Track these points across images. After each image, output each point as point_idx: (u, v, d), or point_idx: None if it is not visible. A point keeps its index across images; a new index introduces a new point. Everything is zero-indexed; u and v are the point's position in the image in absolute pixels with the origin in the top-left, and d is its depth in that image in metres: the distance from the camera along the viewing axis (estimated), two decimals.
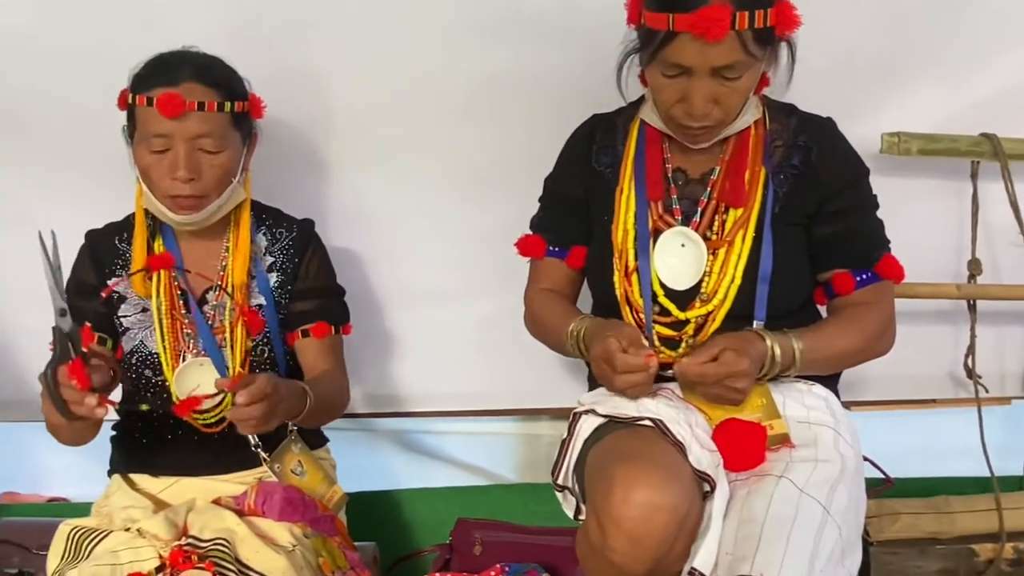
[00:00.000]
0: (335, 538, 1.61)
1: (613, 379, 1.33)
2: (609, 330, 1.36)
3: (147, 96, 1.52)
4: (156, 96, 1.51)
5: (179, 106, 1.51)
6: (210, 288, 1.66)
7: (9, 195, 2.01)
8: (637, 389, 1.33)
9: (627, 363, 1.31)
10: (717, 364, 1.31)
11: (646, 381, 1.32)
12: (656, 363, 1.33)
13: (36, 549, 1.98)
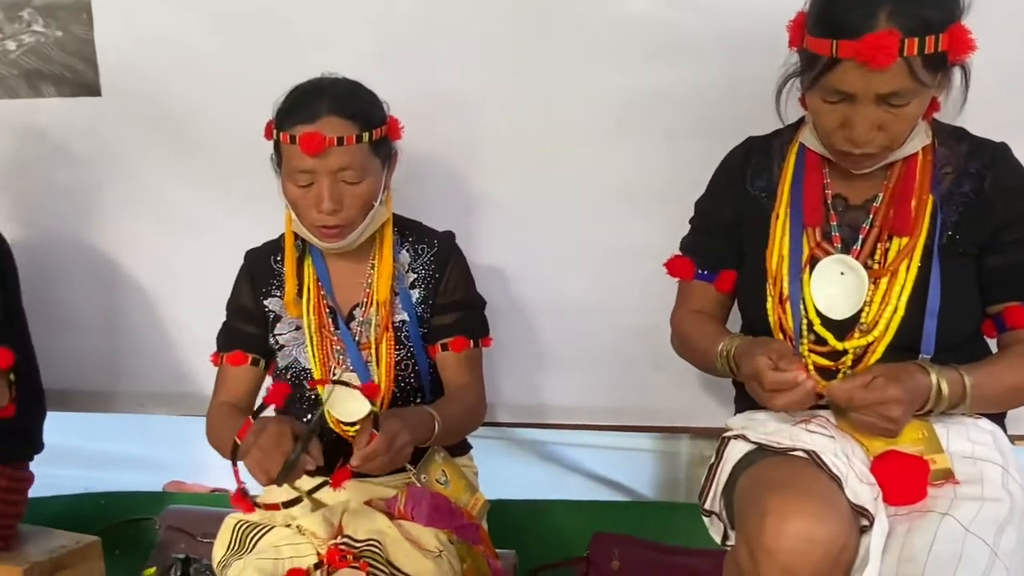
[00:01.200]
0: (479, 546, 1.65)
1: (765, 398, 1.31)
2: (759, 347, 1.34)
3: (290, 134, 1.57)
4: (298, 135, 1.56)
5: (319, 144, 1.55)
6: (357, 305, 1.73)
7: (181, 204, 2.17)
8: (794, 407, 1.29)
9: (776, 381, 1.28)
10: (867, 389, 1.26)
11: (801, 398, 1.28)
12: (807, 377, 1.29)
13: (200, 536, 2.12)
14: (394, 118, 1.68)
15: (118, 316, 2.25)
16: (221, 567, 1.60)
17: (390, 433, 1.43)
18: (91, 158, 2.20)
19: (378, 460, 1.42)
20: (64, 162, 2.21)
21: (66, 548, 1.88)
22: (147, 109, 2.14)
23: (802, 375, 1.28)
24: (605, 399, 2.10)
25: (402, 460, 1.48)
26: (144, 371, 2.27)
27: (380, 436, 1.42)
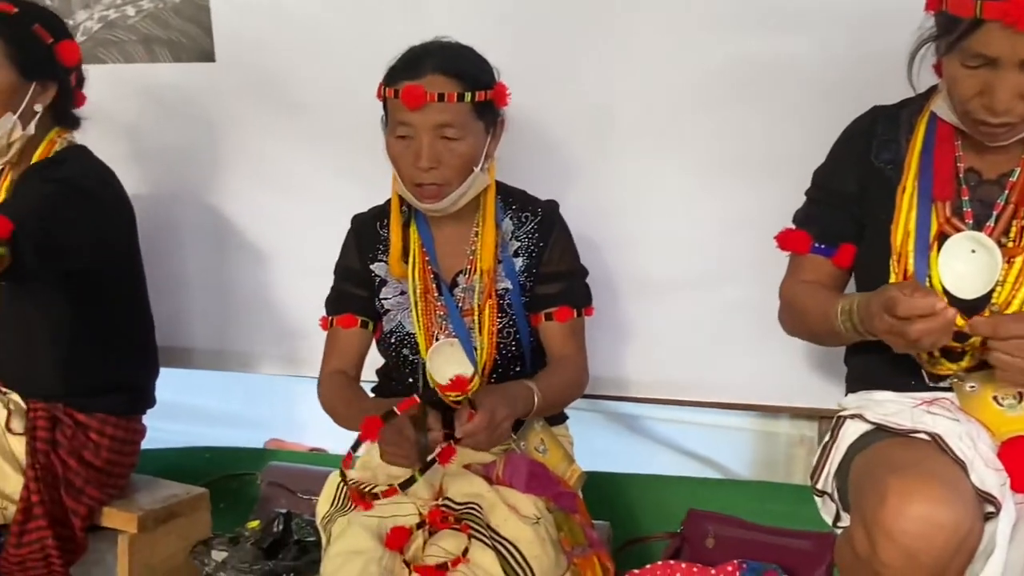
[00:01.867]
0: (576, 515, 1.65)
1: (898, 329, 1.21)
2: (889, 288, 1.25)
3: (395, 89, 1.60)
4: (401, 88, 1.59)
5: (420, 97, 1.56)
6: (460, 272, 1.74)
7: (290, 168, 2.22)
8: (932, 336, 1.20)
9: (913, 306, 1.18)
10: (1016, 320, 1.20)
11: (940, 326, 1.19)
12: (945, 306, 1.19)
13: (301, 493, 2.17)
14: (502, 84, 1.68)
15: (227, 277, 2.32)
16: (325, 522, 1.65)
17: (489, 409, 1.44)
18: (204, 122, 2.27)
19: (480, 436, 1.43)
20: (178, 126, 2.29)
21: (177, 498, 1.96)
22: (258, 74, 2.20)
23: (940, 303, 1.19)
24: (702, 375, 2.07)
25: (503, 435, 1.49)
26: (250, 331, 2.34)
27: (480, 413, 1.44)
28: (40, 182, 1.76)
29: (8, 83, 1.78)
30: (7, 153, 1.84)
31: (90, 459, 1.88)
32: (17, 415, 1.84)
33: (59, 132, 1.90)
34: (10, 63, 1.78)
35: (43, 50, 1.83)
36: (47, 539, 1.79)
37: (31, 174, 1.80)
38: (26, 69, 1.80)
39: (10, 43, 1.78)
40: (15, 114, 1.80)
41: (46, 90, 1.84)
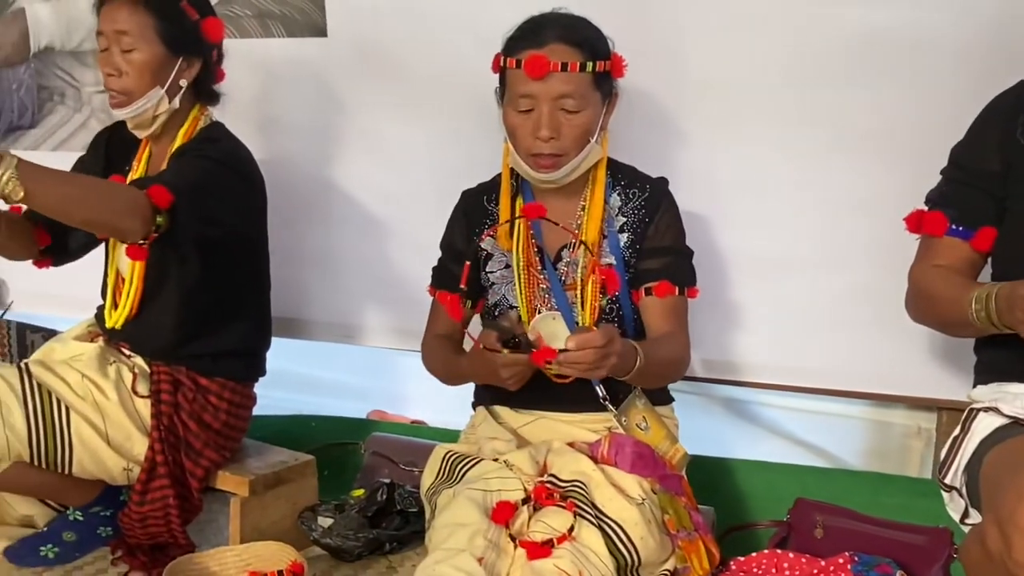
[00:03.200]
0: (681, 498, 1.62)
1: None
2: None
3: (516, 59, 1.60)
4: (524, 58, 1.58)
5: (544, 67, 1.57)
6: (565, 246, 1.73)
7: (397, 142, 2.24)
8: None
9: None
10: None
11: None
12: None
13: (403, 464, 2.21)
14: (618, 55, 1.66)
15: (336, 249, 2.37)
16: (430, 493, 1.66)
17: (607, 334, 1.43)
18: (315, 96, 2.30)
19: (587, 354, 1.41)
20: (290, 100, 2.33)
21: (285, 464, 2.01)
22: (369, 48, 2.22)
23: None
24: (814, 361, 2.01)
25: (603, 370, 1.47)
26: (356, 304, 2.38)
27: (599, 330, 1.43)
28: (197, 157, 1.81)
29: (157, 57, 1.84)
30: (151, 126, 1.91)
31: (209, 422, 1.94)
32: (142, 378, 1.92)
33: (201, 109, 1.96)
34: (159, 38, 1.84)
35: (190, 26, 1.87)
36: (169, 498, 1.87)
37: (186, 149, 1.85)
38: (173, 44, 1.85)
39: (160, 18, 1.83)
40: (163, 88, 1.86)
41: (191, 66, 1.89)
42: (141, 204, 1.62)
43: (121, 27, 1.83)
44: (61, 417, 1.82)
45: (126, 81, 1.85)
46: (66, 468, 1.84)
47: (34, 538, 1.95)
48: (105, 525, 1.99)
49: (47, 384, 1.83)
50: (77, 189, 1.63)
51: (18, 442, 1.77)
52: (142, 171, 1.99)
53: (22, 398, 1.79)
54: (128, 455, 1.88)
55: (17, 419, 1.77)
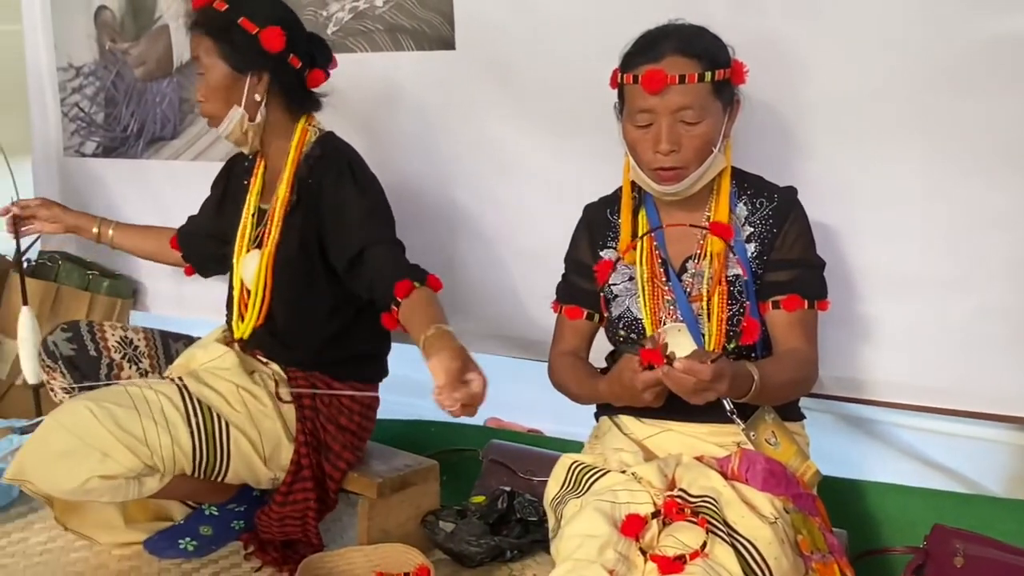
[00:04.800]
0: (815, 518, 1.58)
1: None
2: None
3: (633, 74, 1.59)
4: (640, 73, 1.58)
5: (661, 81, 1.55)
6: (690, 257, 1.70)
7: (522, 155, 2.25)
8: None
9: None
10: None
11: None
12: None
13: (521, 473, 2.22)
14: (739, 62, 1.64)
15: (457, 260, 2.40)
16: (555, 503, 1.66)
17: (719, 368, 1.43)
18: (441, 109, 2.35)
19: (688, 380, 1.42)
20: (416, 113, 2.38)
21: (410, 468, 2.05)
22: (497, 62, 2.25)
23: None
24: (951, 381, 1.92)
25: (708, 397, 1.47)
26: (476, 313, 2.41)
27: (710, 365, 1.42)
28: (355, 195, 1.91)
29: (224, 78, 1.91)
30: (247, 143, 1.98)
31: (346, 424, 1.99)
32: (283, 384, 1.97)
33: (308, 119, 2.01)
34: (222, 60, 1.90)
35: (248, 41, 1.90)
36: (310, 500, 1.91)
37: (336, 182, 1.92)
38: (237, 62, 1.90)
39: (218, 40, 1.90)
40: (240, 106, 1.92)
41: (261, 79, 1.93)
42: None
43: (193, 54, 1.94)
44: (222, 431, 1.86)
45: (208, 106, 1.95)
46: (221, 478, 1.89)
47: (172, 531, 2.04)
48: (239, 519, 2.07)
49: (206, 399, 1.87)
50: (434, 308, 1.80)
51: (184, 458, 1.82)
52: (259, 185, 2.06)
53: (186, 416, 1.82)
54: (276, 463, 1.93)
55: (183, 437, 1.81)
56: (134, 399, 1.80)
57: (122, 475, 1.76)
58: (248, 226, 2.06)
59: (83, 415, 1.75)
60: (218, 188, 2.20)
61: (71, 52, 2.96)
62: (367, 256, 1.86)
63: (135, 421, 1.76)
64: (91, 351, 1.99)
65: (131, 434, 1.75)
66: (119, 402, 1.78)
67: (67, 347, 1.94)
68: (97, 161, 2.97)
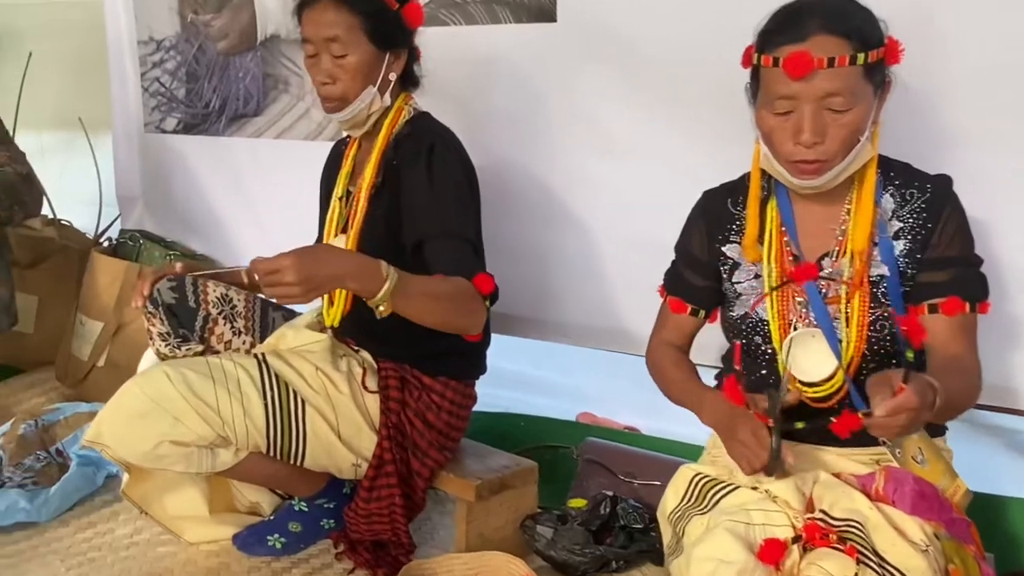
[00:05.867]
0: (970, 546, 1.42)
1: None
2: None
3: (773, 56, 1.41)
4: (782, 56, 1.40)
5: (807, 65, 1.37)
6: (826, 254, 1.54)
7: (626, 135, 2.10)
8: None
9: None
10: None
11: None
12: None
13: (621, 475, 2.10)
14: (893, 39, 1.45)
15: (551, 245, 2.27)
16: (674, 517, 1.53)
17: (920, 387, 1.25)
18: (540, 84, 2.21)
19: (901, 418, 1.25)
20: (512, 89, 2.24)
21: (509, 469, 1.93)
22: (599, 35, 2.10)
23: None
24: None
25: (918, 426, 1.31)
26: (571, 302, 2.28)
27: (909, 389, 1.24)
28: (424, 181, 1.79)
29: (368, 57, 1.81)
30: (364, 125, 1.89)
31: (432, 421, 1.89)
32: (371, 373, 1.89)
33: (405, 98, 1.92)
34: (367, 37, 1.80)
35: (393, 18, 1.83)
36: (396, 496, 1.83)
37: (411, 164, 1.81)
38: (381, 40, 1.82)
39: (365, 17, 1.80)
40: (374, 86, 1.82)
41: (398, 58, 1.86)
42: (480, 308, 1.73)
43: (330, 33, 1.79)
44: (297, 409, 1.81)
45: (340, 87, 1.82)
46: (299, 460, 1.83)
47: (261, 526, 1.97)
48: (328, 517, 1.99)
49: (284, 376, 1.83)
50: (434, 303, 1.68)
51: (257, 433, 1.78)
52: (349, 166, 1.98)
53: (261, 390, 1.79)
54: (357, 451, 1.86)
55: (257, 410, 1.77)
56: (211, 368, 1.78)
57: (193, 443, 1.74)
58: (336, 209, 1.99)
59: (158, 378, 1.74)
60: (325, 180, 2.09)
61: (152, 24, 2.89)
62: (426, 249, 1.78)
63: (209, 389, 1.74)
64: (190, 302, 1.96)
65: (204, 401, 1.73)
66: (196, 369, 1.77)
67: (169, 295, 1.93)
68: (178, 138, 2.91)
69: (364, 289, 1.59)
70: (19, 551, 1.92)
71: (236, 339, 2.04)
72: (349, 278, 1.57)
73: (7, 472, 2.09)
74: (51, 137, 3.17)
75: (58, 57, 3.26)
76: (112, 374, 2.64)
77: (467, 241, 1.80)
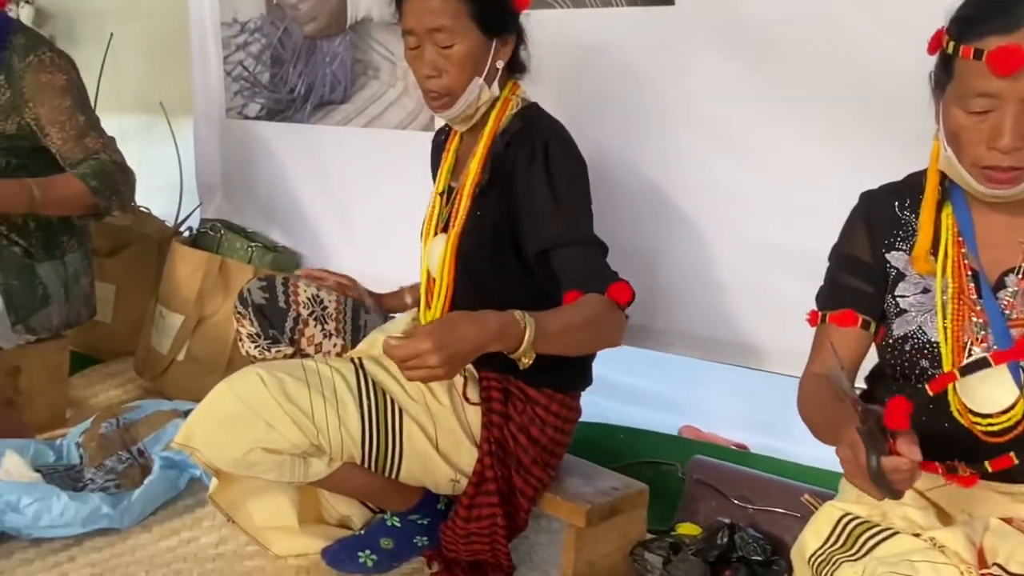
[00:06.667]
0: None
1: None
2: None
3: (975, 47, 1.23)
4: (988, 48, 1.21)
5: (1018, 62, 1.19)
6: (1010, 270, 1.36)
7: (753, 132, 1.93)
8: None
9: None
10: None
11: None
12: None
13: (734, 498, 1.94)
14: None
15: (660, 247, 2.11)
16: (817, 561, 1.36)
17: None
18: (654, 74, 2.04)
19: None
20: (626, 80, 2.09)
21: (619, 492, 1.79)
22: (724, 19, 1.93)
23: None
24: None
25: None
26: (679, 309, 2.12)
27: None
28: (545, 182, 1.67)
29: (476, 46, 1.69)
30: (473, 118, 1.77)
31: (537, 436, 1.76)
32: (472, 384, 1.77)
33: (512, 87, 1.79)
34: (475, 24, 1.68)
35: (499, 2, 1.71)
36: (497, 516, 1.71)
37: (528, 163, 1.69)
38: (489, 27, 1.70)
39: (472, 2, 1.67)
40: (481, 76, 1.70)
41: (505, 45, 1.73)
42: (620, 320, 1.65)
43: (436, 23, 1.66)
44: (395, 419, 1.70)
45: (447, 80, 1.70)
46: (394, 473, 1.72)
47: (352, 541, 1.86)
48: (422, 535, 1.86)
49: (381, 383, 1.71)
50: (576, 334, 1.61)
51: (352, 443, 1.67)
52: (451, 160, 1.86)
53: (357, 397, 1.68)
54: (456, 465, 1.74)
55: (353, 419, 1.67)
56: (307, 372, 1.68)
57: (287, 451, 1.64)
58: (436, 206, 1.86)
59: (253, 381, 1.64)
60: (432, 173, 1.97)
61: (236, 6, 2.79)
62: (554, 257, 1.66)
63: (304, 394, 1.64)
64: (281, 303, 1.89)
65: (299, 407, 1.63)
66: (291, 372, 1.67)
67: (260, 295, 1.86)
68: (260, 124, 2.81)
69: (507, 347, 1.51)
70: (102, 559, 1.84)
71: (327, 341, 1.94)
72: (491, 343, 1.49)
73: (88, 474, 2.01)
74: (131, 121, 3.11)
75: (140, 39, 3.19)
76: (192, 369, 2.57)
77: (596, 245, 1.68)
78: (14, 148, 2.33)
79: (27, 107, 2.29)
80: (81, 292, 2.48)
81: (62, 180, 2.24)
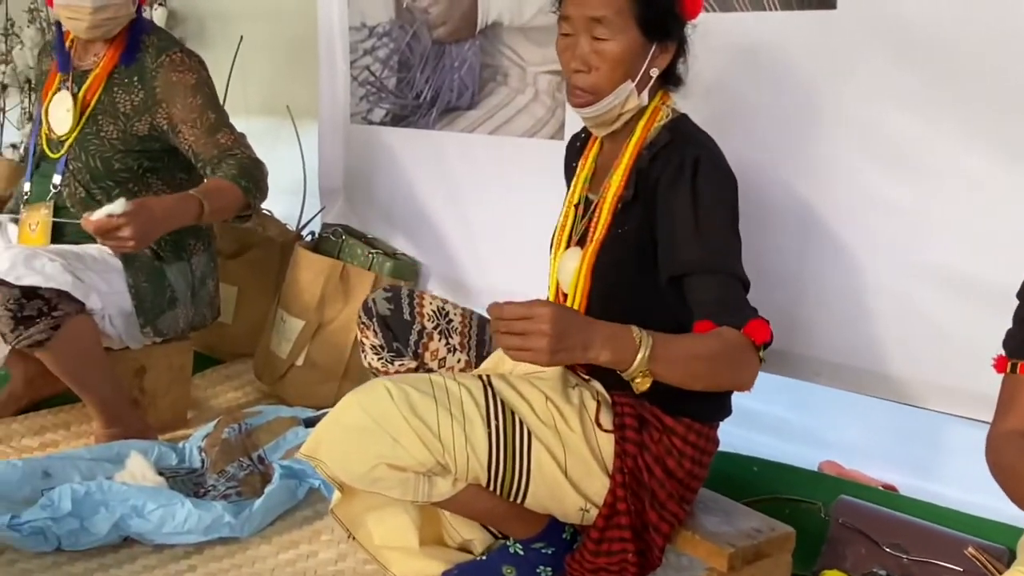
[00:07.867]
0: None
1: None
2: None
3: None
4: None
5: None
6: None
7: (918, 145, 1.77)
8: None
9: None
10: None
11: None
12: None
13: (887, 546, 1.78)
14: None
15: (810, 269, 1.96)
16: None
17: None
18: (811, 84, 1.90)
19: None
20: (779, 88, 1.95)
21: (763, 535, 1.65)
22: (891, 24, 1.77)
23: None
24: None
25: None
26: (827, 336, 1.96)
27: None
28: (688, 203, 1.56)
29: (632, 46, 1.59)
30: (612, 124, 1.67)
31: (673, 468, 1.64)
32: (605, 409, 1.66)
33: (663, 97, 1.69)
34: (636, 23, 1.58)
35: (669, 4, 1.61)
36: (628, 552, 1.60)
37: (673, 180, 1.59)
38: (650, 29, 1.59)
39: (638, 0, 1.57)
40: (633, 81, 1.60)
41: (664, 52, 1.63)
42: (753, 361, 1.53)
43: (597, 13, 1.57)
44: (523, 442, 1.60)
45: (595, 77, 1.60)
46: (520, 498, 1.63)
47: (472, 567, 1.78)
48: (546, 564, 1.76)
49: (510, 403, 1.62)
50: (701, 366, 1.51)
51: (478, 464, 1.59)
52: (589, 169, 1.76)
53: (485, 416, 1.60)
54: (585, 494, 1.64)
55: (480, 439, 1.58)
56: (434, 387, 1.61)
57: (411, 468, 1.57)
58: (570, 217, 1.77)
59: (380, 394, 1.58)
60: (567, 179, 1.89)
61: (365, 10, 2.76)
62: (688, 285, 1.57)
63: (431, 410, 1.57)
64: (406, 315, 1.84)
65: (425, 423, 1.56)
66: (418, 387, 1.60)
67: (384, 306, 1.81)
68: (385, 129, 2.77)
69: (617, 359, 1.43)
70: (222, 569, 1.81)
71: (451, 356, 1.87)
72: (601, 344, 1.42)
73: (211, 480, 2.00)
74: (258, 123, 3.11)
75: (268, 42, 3.21)
76: (310, 375, 2.55)
77: (736, 278, 1.57)
78: (146, 150, 2.35)
79: (160, 108, 2.30)
80: (207, 294, 2.49)
81: (220, 187, 2.18)
